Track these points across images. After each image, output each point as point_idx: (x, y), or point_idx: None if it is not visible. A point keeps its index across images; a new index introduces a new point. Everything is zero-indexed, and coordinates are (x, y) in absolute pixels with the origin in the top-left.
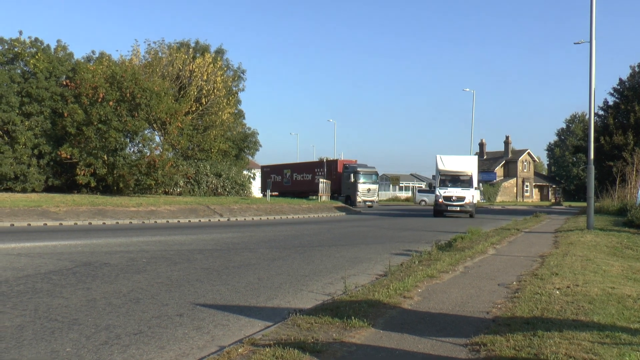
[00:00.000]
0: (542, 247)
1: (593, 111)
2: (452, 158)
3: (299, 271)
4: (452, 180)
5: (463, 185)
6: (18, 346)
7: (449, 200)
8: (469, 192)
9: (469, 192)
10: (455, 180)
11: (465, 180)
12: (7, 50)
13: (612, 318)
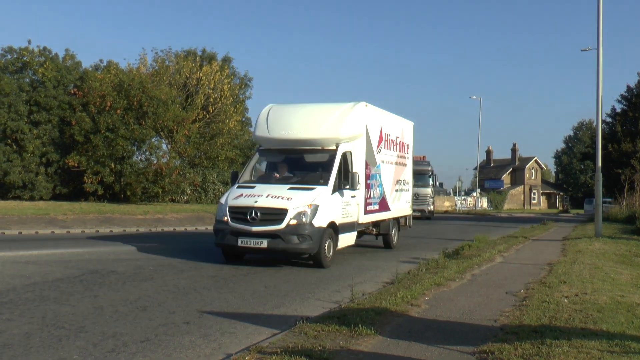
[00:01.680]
0: (550, 255)
1: (601, 118)
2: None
3: (306, 279)
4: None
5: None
6: (26, 353)
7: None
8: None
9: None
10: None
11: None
12: (15, 59)
13: (621, 327)
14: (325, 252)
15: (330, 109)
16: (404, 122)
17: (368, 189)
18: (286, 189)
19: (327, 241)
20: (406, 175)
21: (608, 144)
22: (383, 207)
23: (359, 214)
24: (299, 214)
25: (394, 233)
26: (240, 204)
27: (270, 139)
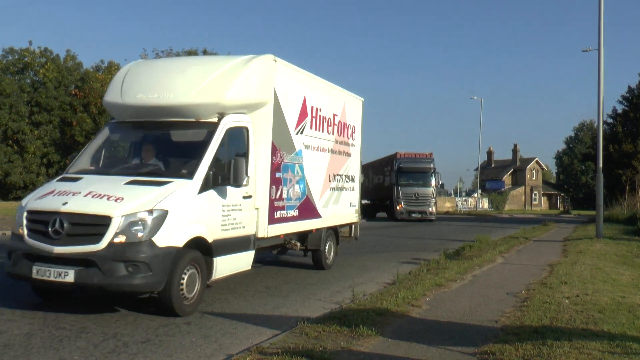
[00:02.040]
0: (551, 255)
1: (602, 119)
2: None
3: (306, 280)
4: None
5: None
6: (27, 354)
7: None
8: None
9: None
10: None
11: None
12: (17, 60)
13: (622, 327)
14: (184, 292)
15: (215, 63)
16: (348, 96)
17: (277, 185)
18: (123, 184)
19: (188, 271)
20: (350, 169)
21: (609, 145)
22: (307, 212)
23: (258, 224)
24: (131, 225)
25: (328, 248)
26: (42, 207)
27: (123, 106)
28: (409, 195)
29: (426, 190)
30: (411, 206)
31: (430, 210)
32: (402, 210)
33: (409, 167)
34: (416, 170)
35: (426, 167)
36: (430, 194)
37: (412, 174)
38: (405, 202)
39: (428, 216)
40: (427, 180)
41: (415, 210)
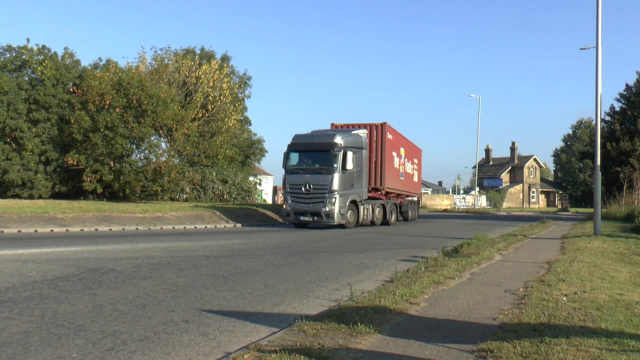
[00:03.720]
0: (549, 253)
1: (600, 117)
2: None
3: (305, 277)
4: None
5: None
6: (24, 352)
7: None
8: None
9: None
10: None
11: None
12: (14, 58)
13: (620, 325)
14: None
15: None
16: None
17: None
18: None
19: None
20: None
21: (607, 143)
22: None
23: None
24: None
25: None
26: None
27: None
28: (297, 187)
29: (322, 180)
30: (299, 204)
31: (328, 211)
32: (287, 210)
33: (302, 145)
34: (310, 149)
35: (326, 143)
36: (330, 184)
37: (305, 155)
38: (292, 199)
39: (326, 221)
40: (327, 163)
41: (304, 210)
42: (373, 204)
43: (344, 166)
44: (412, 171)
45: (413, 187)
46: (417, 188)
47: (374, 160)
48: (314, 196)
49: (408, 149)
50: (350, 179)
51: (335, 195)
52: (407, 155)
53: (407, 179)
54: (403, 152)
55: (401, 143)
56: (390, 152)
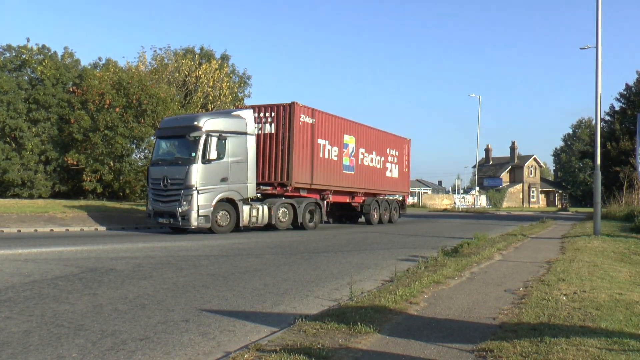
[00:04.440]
0: (548, 253)
1: (599, 116)
2: None
3: (304, 277)
4: None
5: None
6: (24, 352)
7: None
8: None
9: None
10: None
11: None
12: (14, 57)
13: (620, 324)
14: None
15: None
16: None
17: None
18: None
19: None
20: None
21: (607, 142)
22: None
23: None
24: None
25: None
26: None
27: None
28: (157, 182)
29: (178, 173)
30: (158, 203)
31: (183, 212)
32: (149, 210)
33: (165, 130)
34: (171, 135)
35: (184, 127)
36: (185, 179)
37: (167, 143)
38: (153, 196)
39: (182, 224)
40: (185, 151)
41: (162, 210)
42: (272, 203)
43: (206, 155)
44: (383, 165)
45: (386, 183)
46: (395, 185)
47: (280, 148)
48: (170, 193)
49: (366, 137)
50: (220, 171)
51: (193, 192)
52: (367, 145)
53: (368, 174)
54: (351, 140)
55: (343, 129)
56: (310, 139)
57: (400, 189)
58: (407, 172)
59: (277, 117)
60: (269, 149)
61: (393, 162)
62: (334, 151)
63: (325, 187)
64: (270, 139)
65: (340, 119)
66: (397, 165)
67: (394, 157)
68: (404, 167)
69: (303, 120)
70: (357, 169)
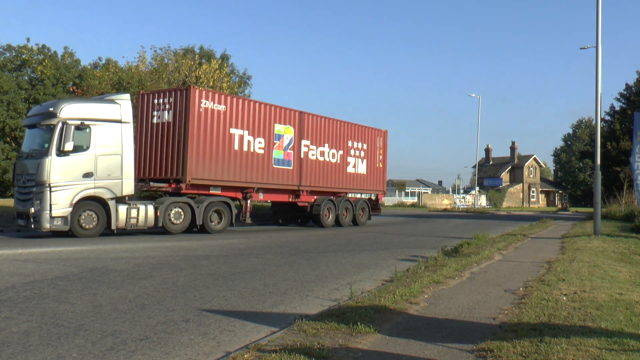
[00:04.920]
0: (548, 252)
1: (600, 116)
2: None
3: (305, 277)
4: None
5: None
6: (24, 351)
7: None
8: None
9: None
10: None
11: None
12: (14, 57)
13: (620, 324)
14: None
15: None
16: None
17: None
18: None
19: None
20: None
21: (607, 142)
22: None
23: None
24: None
25: None
26: None
27: None
28: (18, 179)
29: (32, 167)
30: (18, 202)
31: (35, 212)
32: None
33: (28, 120)
34: (31, 125)
35: (40, 115)
36: (38, 174)
37: (31, 134)
38: (16, 195)
39: (34, 226)
40: (41, 143)
41: (20, 211)
42: (160, 203)
43: (61, 146)
44: (343, 159)
45: (348, 180)
46: (362, 182)
47: (176, 139)
48: (27, 191)
49: (313, 128)
50: (83, 165)
51: (45, 189)
52: (314, 136)
53: (317, 169)
54: (287, 131)
55: (274, 118)
56: (220, 128)
57: (372, 187)
58: (382, 167)
59: (175, 103)
60: (165, 140)
61: (358, 156)
62: (258, 143)
63: (247, 185)
64: (167, 128)
65: (269, 106)
66: (365, 160)
67: (359, 150)
68: (377, 162)
69: (206, 107)
70: (299, 164)
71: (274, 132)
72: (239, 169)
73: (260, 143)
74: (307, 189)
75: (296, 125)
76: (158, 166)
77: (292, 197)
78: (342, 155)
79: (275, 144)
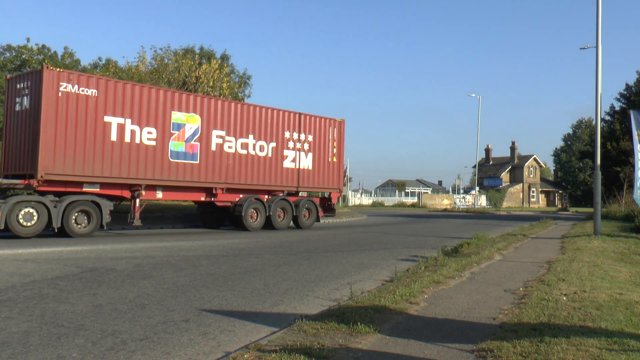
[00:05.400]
0: (548, 252)
1: (600, 116)
2: None
3: (305, 277)
4: None
5: None
6: (24, 352)
7: None
8: None
9: None
10: None
11: None
12: (14, 57)
13: (620, 324)
14: None
15: None
16: None
17: None
18: None
19: None
20: None
21: (607, 142)
22: None
23: None
24: None
25: None
26: None
27: None
28: None
29: None
30: None
31: None
32: None
33: None
34: None
35: None
36: None
37: None
38: None
39: None
40: None
41: None
42: (4, 203)
43: None
44: (276, 152)
45: (285, 177)
46: (307, 179)
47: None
48: None
49: (230, 117)
50: None
51: None
52: (231, 126)
53: (239, 164)
54: (191, 120)
55: (171, 105)
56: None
57: (321, 184)
58: (337, 162)
59: (32, 88)
60: (23, 130)
61: (301, 149)
62: (146, 133)
63: (134, 181)
64: (26, 116)
65: (163, 91)
66: (311, 154)
67: (302, 142)
68: (329, 155)
69: (68, 91)
70: (209, 158)
71: (171, 121)
72: (121, 163)
73: (151, 134)
74: (223, 187)
75: (204, 113)
76: (18, 160)
77: (206, 196)
78: (274, 148)
79: (174, 135)
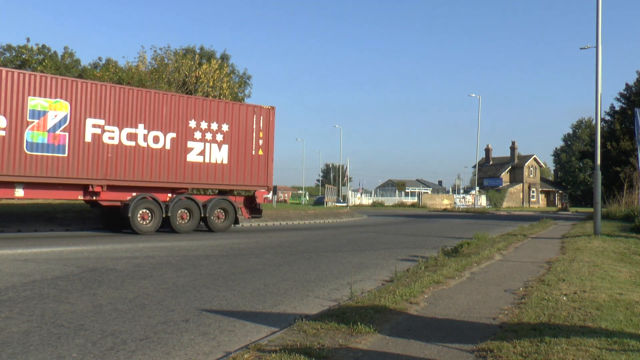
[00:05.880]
0: (548, 252)
1: (600, 116)
2: None
3: (305, 277)
4: None
5: None
6: (24, 352)
7: None
8: None
9: None
10: None
11: None
12: (14, 57)
13: (620, 324)
14: None
15: None
16: None
17: None
18: None
19: None
20: None
21: (607, 142)
22: None
23: None
24: None
25: None
26: None
27: None
28: None
29: None
30: None
31: None
32: None
33: None
34: None
35: None
36: None
37: None
38: None
39: None
40: None
41: None
42: None
43: None
44: (179, 145)
45: (186, 173)
46: (221, 175)
47: None
48: None
49: (113, 103)
50: None
51: None
52: (114, 114)
53: (130, 158)
54: (57, 106)
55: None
56: None
57: (241, 181)
58: (265, 155)
59: None
60: None
61: (212, 140)
62: None
63: None
64: None
65: (16, 73)
66: (226, 146)
67: (213, 133)
68: (253, 148)
69: None
70: (83, 150)
71: (28, 108)
72: None
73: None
74: (103, 184)
75: (73, 99)
76: None
77: (84, 194)
78: (174, 139)
79: (31, 124)
